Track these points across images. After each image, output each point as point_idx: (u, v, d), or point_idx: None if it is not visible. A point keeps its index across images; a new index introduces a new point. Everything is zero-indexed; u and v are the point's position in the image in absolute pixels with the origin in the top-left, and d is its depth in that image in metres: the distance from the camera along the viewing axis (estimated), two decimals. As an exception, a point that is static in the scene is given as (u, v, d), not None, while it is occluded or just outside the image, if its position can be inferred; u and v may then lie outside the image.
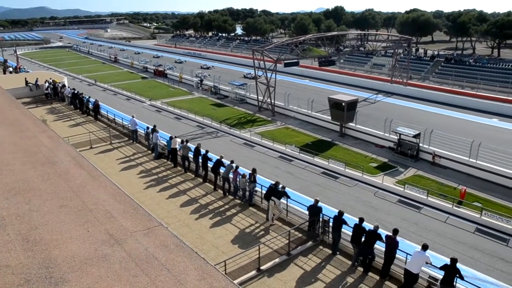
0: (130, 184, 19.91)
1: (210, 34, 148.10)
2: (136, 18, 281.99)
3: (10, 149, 11.10)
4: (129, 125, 27.06)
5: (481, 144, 27.06)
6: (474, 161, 26.98)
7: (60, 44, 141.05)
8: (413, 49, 75.41)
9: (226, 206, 17.90)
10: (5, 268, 5.34)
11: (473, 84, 56.31)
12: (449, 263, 11.68)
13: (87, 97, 34.22)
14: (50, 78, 40.52)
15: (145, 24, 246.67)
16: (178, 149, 22.09)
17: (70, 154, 10.87)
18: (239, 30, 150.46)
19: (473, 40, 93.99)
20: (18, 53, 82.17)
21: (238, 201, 18.26)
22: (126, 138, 27.15)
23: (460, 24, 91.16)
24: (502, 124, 39.31)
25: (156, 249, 5.75)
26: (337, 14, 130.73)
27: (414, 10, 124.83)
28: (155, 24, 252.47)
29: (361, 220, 13.64)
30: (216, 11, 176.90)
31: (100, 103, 33.28)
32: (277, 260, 13.81)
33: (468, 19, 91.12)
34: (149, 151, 24.71)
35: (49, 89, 37.84)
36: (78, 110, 34.10)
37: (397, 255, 12.97)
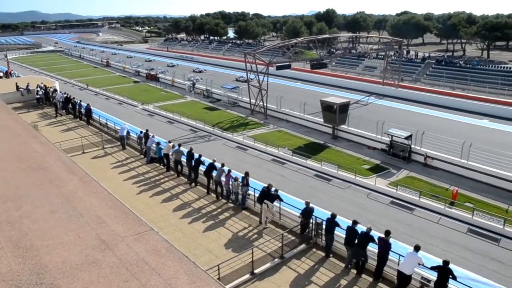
0: (123, 188, 19.82)
1: (202, 37, 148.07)
2: (128, 22, 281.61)
3: (1, 156, 11.05)
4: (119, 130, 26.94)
5: (472, 145, 27.29)
6: (466, 162, 27.19)
7: (52, 48, 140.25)
8: (404, 51, 75.88)
9: (219, 210, 17.87)
10: (-5, 275, 5.32)
11: (463, 86, 56.81)
12: (441, 264, 11.75)
13: (78, 101, 34.04)
14: (42, 83, 40.28)
15: (137, 28, 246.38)
16: (170, 153, 21.99)
17: (61, 160, 10.84)
18: (231, 33, 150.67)
19: (463, 42, 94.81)
20: (8, 57, 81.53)
21: (231, 205, 18.23)
22: (119, 143, 27.02)
23: (451, 26, 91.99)
24: (492, 125, 39.68)
25: (147, 253, 5.75)
26: (328, 17, 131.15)
27: (405, 12, 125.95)
28: (147, 27, 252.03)
29: (355, 222, 13.67)
30: (208, 15, 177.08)
31: (92, 107, 33.11)
32: (270, 263, 13.80)
33: (458, 21, 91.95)
34: (142, 156, 24.61)
35: (40, 93, 37.58)
36: (70, 115, 33.88)
37: (390, 257, 13.01)
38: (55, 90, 38.49)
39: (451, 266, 11.72)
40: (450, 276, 11.56)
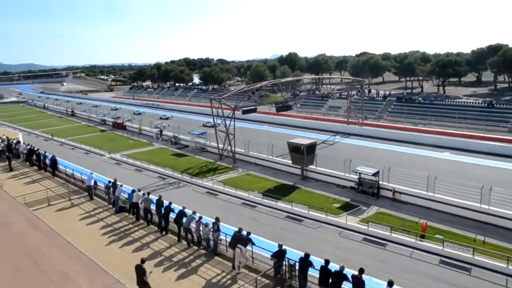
0: (92, 240, 19.13)
1: (167, 84, 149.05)
2: (92, 71, 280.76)
3: (-41, 214, 10.60)
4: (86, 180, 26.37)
5: (436, 177, 28.07)
6: (432, 194, 27.87)
7: (14, 99, 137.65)
8: (366, 90, 78.64)
9: (191, 257, 17.49)
10: None
11: (424, 121, 59.13)
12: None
13: (43, 152, 33.25)
14: (3, 135, 39.34)
15: (102, 77, 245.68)
16: (140, 202, 21.61)
17: (24, 215, 10.50)
18: (196, 80, 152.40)
19: (420, 79, 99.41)
20: (-32, 112, 79.54)
21: (203, 251, 17.91)
22: (86, 193, 26.33)
23: (407, 65, 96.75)
24: (453, 157, 41.14)
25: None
26: (291, 60, 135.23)
27: (364, 53, 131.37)
28: (112, 76, 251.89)
29: (327, 261, 13.64)
30: (172, 62, 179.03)
31: (57, 158, 32.35)
32: (245, 309, 13.49)
33: (413, 60, 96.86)
34: (110, 206, 24.03)
35: (1, 146, 36.55)
36: (35, 167, 32.96)
37: (365, 294, 12.96)
38: (18, 142, 37.63)
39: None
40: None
